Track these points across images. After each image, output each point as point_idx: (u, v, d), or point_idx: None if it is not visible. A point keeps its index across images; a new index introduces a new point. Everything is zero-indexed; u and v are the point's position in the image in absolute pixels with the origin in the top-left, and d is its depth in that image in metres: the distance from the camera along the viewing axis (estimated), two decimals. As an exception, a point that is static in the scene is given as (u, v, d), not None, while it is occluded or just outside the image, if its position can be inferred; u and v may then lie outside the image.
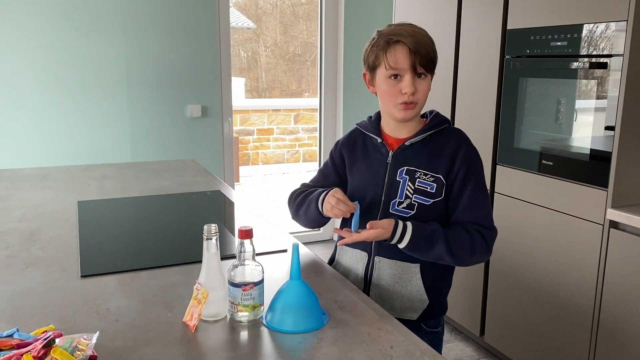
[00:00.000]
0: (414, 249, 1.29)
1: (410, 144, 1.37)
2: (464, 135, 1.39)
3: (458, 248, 1.29)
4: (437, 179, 1.33)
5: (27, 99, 3.23)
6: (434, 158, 1.35)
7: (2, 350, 0.95)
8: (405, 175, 1.36)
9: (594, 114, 2.01)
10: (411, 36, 1.28)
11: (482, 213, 1.34)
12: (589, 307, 2.05)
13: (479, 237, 1.31)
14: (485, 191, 1.37)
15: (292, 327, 1.06)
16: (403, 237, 1.27)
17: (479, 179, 1.36)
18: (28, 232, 1.66)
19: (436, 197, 1.34)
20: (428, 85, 1.32)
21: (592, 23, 1.96)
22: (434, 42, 1.32)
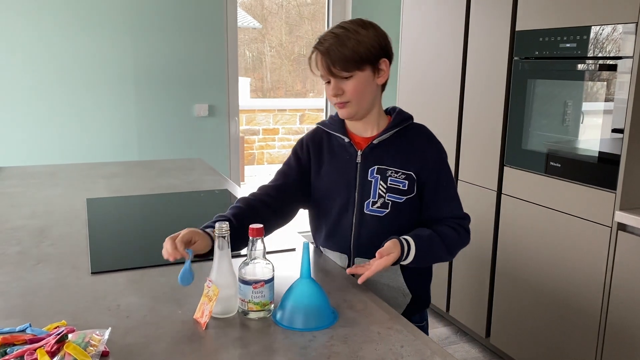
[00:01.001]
0: (419, 260, 1.29)
1: (378, 142, 1.37)
2: (429, 131, 1.43)
3: (453, 246, 1.35)
4: (408, 176, 1.35)
5: (35, 97, 3.25)
6: (404, 155, 1.36)
7: (15, 345, 0.96)
8: (376, 175, 1.36)
9: (603, 116, 2.01)
10: (324, 41, 1.30)
11: (457, 205, 1.40)
12: (596, 309, 2.04)
13: (463, 230, 1.37)
14: (454, 182, 1.42)
15: (302, 325, 1.07)
16: (408, 254, 1.27)
17: (448, 172, 1.40)
18: (38, 228, 1.67)
19: (409, 194, 1.36)
20: (357, 83, 1.31)
21: (601, 25, 1.96)
22: (368, 37, 1.30)
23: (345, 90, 1.32)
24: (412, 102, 3.03)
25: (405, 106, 3.22)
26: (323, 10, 4.07)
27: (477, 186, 2.61)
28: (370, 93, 1.35)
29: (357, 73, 1.30)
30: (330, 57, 1.28)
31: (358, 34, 1.29)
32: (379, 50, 1.32)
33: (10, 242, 1.55)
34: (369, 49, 1.30)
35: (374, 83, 1.35)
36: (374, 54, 1.31)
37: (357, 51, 1.29)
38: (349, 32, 1.29)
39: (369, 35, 1.31)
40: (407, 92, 3.08)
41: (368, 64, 1.31)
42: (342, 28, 1.31)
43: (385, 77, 1.37)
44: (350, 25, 1.31)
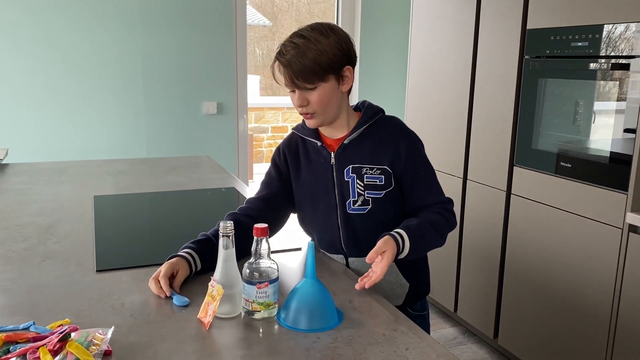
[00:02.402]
0: (416, 251, 1.28)
1: (349, 142, 1.37)
2: (400, 122, 1.41)
3: (443, 231, 1.35)
4: (383, 171, 1.35)
5: (43, 94, 3.27)
6: (376, 150, 1.36)
7: (18, 343, 0.96)
8: (352, 174, 1.36)
9: (615, 115, 1.98)
10: (285, 52, 1.27)
11: (438, 191, 1.40)
12: (606, 312, 2.02)
13: (448, 213, 1.37)
14: (432, 169, 1.41)
15: (306, 325, 1.06)
16: (404, 247, 1.26)
17: (425, 160, 1.39)
18: (45, 225, 1.68)
19: (387, 188, 1.35)
20: (321, 94, 1.29)
21: (613, 23, 1.93)
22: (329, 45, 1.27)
23: (310, 101, 1.30)
24: (422, 102, 3.01)
25: (414, 105, 3.19)
26: (333, 8, 4.06)
27: (486, 186, 2.58)
28: (335, 102, 1.33)
29: (321, 84, 1.28)
30: (292, 69, 1.26)
31: (319, 43, 1.26)
32: (342, 57, 1.29)
33: (17, 238, 1.56)
34: (331, 58, 1.27)
35: (339, 91, 1.33)
36: (337, 63, 1.29)
37: (319, 62, 1.26)
38: (309, 42, 1.26)
39: (330, 44, 1.27)
40: (416, 91, 3.06)
41: (331, 73, 1.29)
42: (302, 37, 1.28)
43: (350, 84, 1.35)
44: (310, 34, 1.27)
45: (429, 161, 1.41)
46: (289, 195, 1.47)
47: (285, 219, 1.50)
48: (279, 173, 1.47)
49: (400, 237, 1.26)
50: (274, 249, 1.46)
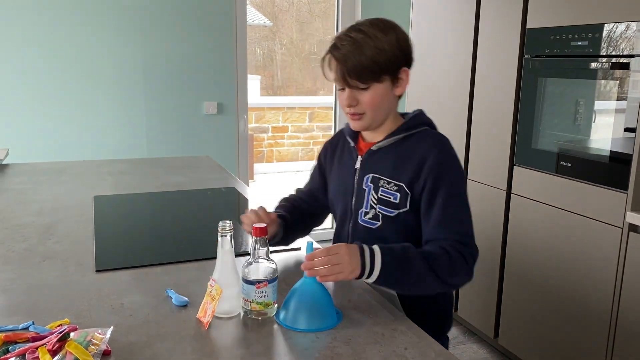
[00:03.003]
0: (390, 282, 1.11)
1: (377, 149, 1.27)
2: (439, 139, 1.25)
3: (442, 269, 1.12)
4: (400, 188, 1.22)
5: (44, 94, 3.27)
6: (399, 164, 1.24)
7: (17, 343, 0.96)
8: (370, 184, 1.27)
9: (614, 115, 1.98)
10: (341, 46, 1.18)
11: (458, 228, 1.18)
12: (606, 311, 2.01)
13: (458, 255, 1.13)
14: (462, 202, 1.21)
15: (305, 325, 1.06)
16: (373, 267, 1.09)
17: (452, 188, 1.20)
18: (45, 225, 1.68)
19: (400, 208, 1.22)
20: (373, 96, 1.21)
21: (613, 23, 1.93)
22: (389, 43, 1.18)
23: (360, 101, 1.22)
24: (422, 101, 3.01)
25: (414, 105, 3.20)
26: (334, 8, 4.06)
27: (486, 185, 2.58)
28: (387, 105, 1.25)
29: (374, 84, 1.20)
30: (347, 66, 1.17)
31: (378, 40, 1.17)
32: (400, 58, 1.20)
33: (16, 238, 1.56)
34: (389, 57, 1.18)
35: (392, 94, 1.24)
36: (394, 63, 1.20)
37: (376, 61, 1.17)
38: (368, 38, 1.17)
39: (390, 42, 1.18)
40: (416, 90, 3.06)
41: (387, 74, 1.20)
42: (360, 32, 1.18)
43: (404, 88, 1.25)
44: (369, 29, 1.18)
45: (460, 192, 1.22)
46: (327, 192, 1.46)
47: (326, 213, 1.50)
48: (320, 167, 1.46)
49: (370, 257, 1.08)
50: (273, 249, 1.47)
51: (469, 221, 1.21)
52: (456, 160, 1.24)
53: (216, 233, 1.09)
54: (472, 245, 1.18)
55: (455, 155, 1.25)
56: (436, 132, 1.28)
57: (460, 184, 1.23)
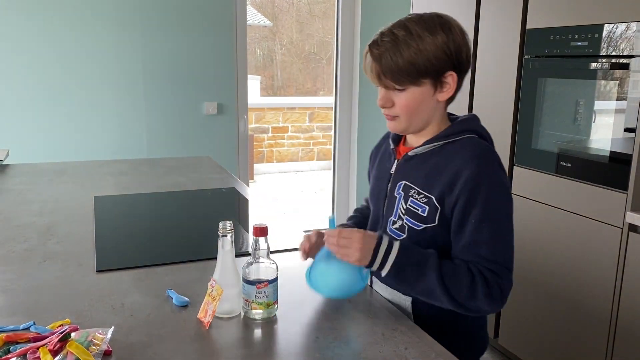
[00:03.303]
0: (398, 278, 1.08)
1: (414, 155, 1.17)
2: (482, 151, 1.11)
3: (454, 284, 1.04)
4: (429, 201, 1.11)
5: (44, 95, 3.27)
6: (432, 175, 1.12)
7: (18, 343, 0.96)
8: (401, 192, 1.17)
9: (614, 115, 1.98)
10: (380, 43, 1.09)
11: (489, 254, 1.05)
12: (606, 311, 2.02)
13: (482, 280, 1.03)
14: (500, 227, 1.08)
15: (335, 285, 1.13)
16: (384, 264, 1.07)
17: (488, 210, 1.06)
18: (45, 226, 1.68)
19: (428, 223, 1.12)
20: (409, 99, 1.11)
21: (613, 23, 1.93)
22: (434, 44, 1.07)
23: (395, 103, 1.12)
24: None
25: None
26: (334, 9, 4.06)
27: (486, 186, 2.58)
28: (425, 110, 1.13)
29: (411, 87, 1.10)
30: (381, 65, 1.09)
31: (421, 41, 1.07)
32: (445, 61, 1.09)
33: (17, 239, 1.56)
34: (430, 60, 1.07)
35: (433, 99, 1.12)
36: (437, 66, 1.08)
37: (414, 62, 1.07)
38: (410, 37, 1.07)
39: (436, 43, 1.07)
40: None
41: (427, 77, 1.09)
42: (404, 29, 1.08)
43: (450, 93, 1.13)
44: (415, 27, 1.08)
45: (498, 215, 1.08)
46: None
47: None
48: (369, 170, 1.39)
49: (384, 251, 1.06)
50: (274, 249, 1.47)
51: (506, 250, 1.08)
52: (498, 178, 1.10)
53: (216, 233, 1.10)
54: (505, 276, 1.05)
55: (497, 172, 1.10)
56: (481, 141, 1.14)
57: (500, 205, 1.09)
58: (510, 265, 1.07)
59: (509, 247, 1.08)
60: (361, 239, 1.07)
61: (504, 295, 1.05)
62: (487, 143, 1.15)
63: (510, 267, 1.07)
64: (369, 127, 4.02)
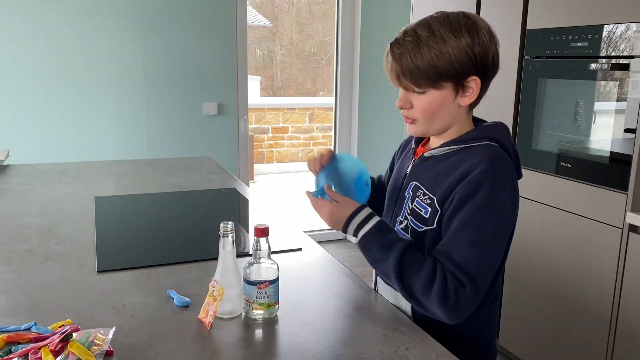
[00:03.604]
0: (366, 249, 1.10)
1: (429, 156, 1.15)
2: (494, 157, 1.05)
3: (411, 274, 1.02)
4: (432, 202, 1.09)
5: (45, 95, 3.27)
6: (441, 176, 1.09)
7: (20, 344, 0.96)
8: (410, 192, 1.16)
9: (615, 115, 1.98)
10: (402, 42, 1.06)
11: (460, 259, 1.00)
12: (606, 312, 2.02)
13: (441, 281, 0.99)
14: (482, 237, 1.01)
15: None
16: (357, 233, 1.10)
17: (476, 216, 1.01)
18: (46, 226, 1.68)
19: (428, 225, 1.09)
20: (428, 102, 1.07)
21: (613, 24, 1.93)
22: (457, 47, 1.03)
23: (414, 105, 1.09)
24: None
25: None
26: (334, 9, 4.06)
27: (486, 186, 2.58)
28: (446, 114, 1.10)
29: (431, 90, 1.06)
30: (401, 66, 1.05)
31: (444, 43, 1.02)
32: (468, 65, 1.04)
33: (18, 239, 1.56)
34: (452, 63, 1.03)
35: (454, 103, 1.09)
36: (459, 70, 1.04)
37: (435, 65, 1.03)
38: (433, 38, 1.03)
39: (460, 46, 1.03)
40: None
41: (448, 81, 1.05)
42: (428, 30, 1.04)
43: (472, 98, 1.09)
44: (439, 29, 1.04)
45: (486, 226, 1.01)
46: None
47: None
48: (393, 160, 1.37)
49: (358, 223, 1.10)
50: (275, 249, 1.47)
51: (479, 262, 1.00)
52: (502, 186, 1.03)
53: (217, 234, 1.10)
54: (468, 287, 0.98)
55: (504, 180, 1.04)
56: (499, 151, 1.08)
57: (490, 219, 1.01)
58: (479, 280, 1.00)
59: (485, 262, 1.02)
60: (331, 212, 1.13)
61: (459, 306, 0.98)
62: (505, 154, 1.08)
63: (478, 282, 0.99)
64: (369, 127, 4.02)
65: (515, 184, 1.08)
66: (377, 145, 4.01)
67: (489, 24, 1.10)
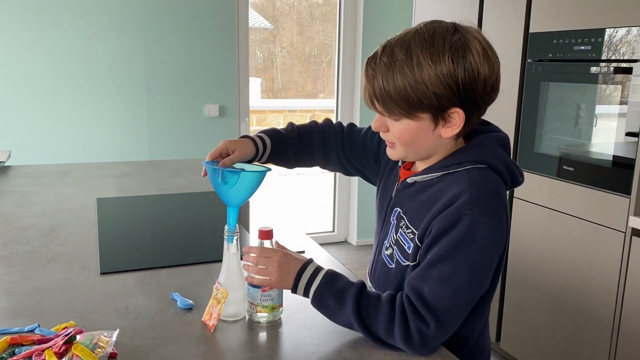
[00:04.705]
0: (321, 305, 1.02)
1: (414, 182, 1.05)
2: (476, 190, 0.94)
3: (370, 318, 0.97)
4: (413, 238, 1.00)
5: (47, 96, 3.27)
6: (423, 208, 0.99)
7: (23, 345, 0.96)
8: (394, 219, 1.07)
9: (617, 119, 1.98)
10: (378, 61, 0.94)
11: (428, 294, 0.93)
12: (609, 316, 2.01)
13: (401, 321, 0.93)
14: (456, 274, 0.92)
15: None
16: (307, 292, 1.02)
17: (451, 252, 0.92)
18: (48, 228, 1.68)
19: (411, 261, 1.01)
20: (403, 130, 0.96)
21: (616, 27, 1.93)
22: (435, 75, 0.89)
23: (390, 130, 0.99)
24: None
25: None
26: (334, 11, 4.07)
27: (488, 189, 2.58)
28: (425, 144, 0.99)
29: (405, 120, 0.95)
30: (373, 89, 0.94)
31: (420, 70, 0.89)
32: (448, 96, 0.91)
33: (20, 241, 1.56)
34: (426, 95, 0.90)
35: (434, 134, 0.96)
36: (437, 102, 0.91)
37: (407, 96, 0.91)
38: (409, 62, 0.90)
39: (437, 74, 0.89)
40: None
41: (425, 112, 0.93)
42: (407, 50, 0.91)
43: (456, 130, 0.95)
44: (419, 50, 0.90)
45: (462, 264, 0.92)
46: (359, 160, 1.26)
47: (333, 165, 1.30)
48: (377, 152, 1.23)
49: (307, 280, 1.02)
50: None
51: (449, 300, 0.92)
52: (482, 219, 0.92)
53: (219, 235, 1.09)
54: (433, 325, 0.92)
55: (487, 212, 0.93)
56: (484, 176, 0.97)
57: (469, 251, 0.92)
58: (446, 318, 0.93)
59: (456, 300, 0.93)
60: (280, 263, 1.02)
61: (425, 344, 0.93)
62: (494, 177, 0.98)
63: (444, 320, 0.93)
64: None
65: (501, 213, 0.97)
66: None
67: (487, 41, 0.96)
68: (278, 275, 1.03)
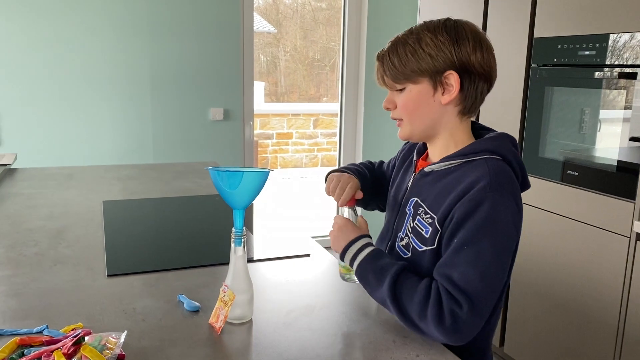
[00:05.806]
0: (362, 278, 1.10)
1: (429, 171, 1.13)
2: (494, 175, 1.02)
3: (405, 297, 1.01)
4: (433, 222, 1.06)
5: (52, 100, 3.29)
6: (442, 194, 1.06)
7: (32, 347, 0.96)
8: (411, 208, 1.14)
9: (621, 124, 1.99)
10: (386, 47, 1.12)
11: (459, 279, 0.97)
12: (613, 321, 2.01)
13: (435, 302, 0.96)
14: (482, 256, 0.97)
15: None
16: (353, 261, 1.11)
17: (476, 234, 0.98)
18: (55, 230, 1.69)
19: (429, 245, 1.07)
20: (407, 98, 1.10)
21: (621, 33, 1.94)
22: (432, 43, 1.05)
23: (396, 104, 1.12)
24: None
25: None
26: (338, 15, 4.08)
27: (492, 193, 2.59)
28: (426, 112, 1.10)
29: (409, 85, 1.09)
30: (382, 66, 1.11)
31: (419, 41, 1.06)
32: (444, 59, 1.05)
33: (27, 243, 1.57)
34: (423, 57, 1.05)
35: (434, 101, 1.08)
36: (433, 64, 1.05)
37: (407, 59, 1.07)
38: (409, 37, 1.08)
39: (435, 42, 1.05)
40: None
41: (424, 75, 1.07)
42: (409, 31, 1.10)
43: (452, 96, 1.06)
44: (420, 28, 1.09)
45: (486, 244, 0.98)
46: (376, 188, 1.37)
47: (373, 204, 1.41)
48: (389, 166, 1.38)
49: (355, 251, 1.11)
50: (282, 254, 1.48)
51: (479, 282, 0.96)
52: (504, 202, 1.00)
53: (225, 238, 1.10)
54: (466, 307, 0.95)
55: (507, 196, 1.01)
56: (501, 165, 1.05)
57: (493, 233, 0.98)
58: (478, 300, 0.96)
59: (485, 282, 0.97)
60: (339, 228, 1.16)
61: (458, 327, 0.95)
62: (509, 168, 1.06)
63: (477, 303, 0.96)
64: (374, 134, 4.03)
65: (518, 199, 1.05)
66: (383, 152, 4.01)
67: (483, 33, 1.09)
68: (334, 237, 1.17)
